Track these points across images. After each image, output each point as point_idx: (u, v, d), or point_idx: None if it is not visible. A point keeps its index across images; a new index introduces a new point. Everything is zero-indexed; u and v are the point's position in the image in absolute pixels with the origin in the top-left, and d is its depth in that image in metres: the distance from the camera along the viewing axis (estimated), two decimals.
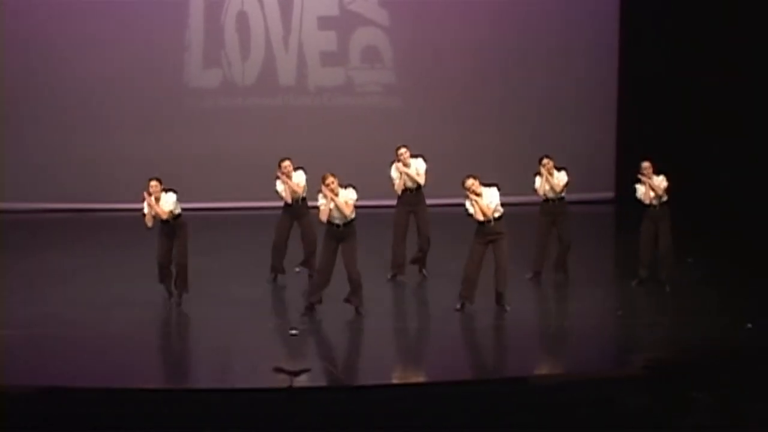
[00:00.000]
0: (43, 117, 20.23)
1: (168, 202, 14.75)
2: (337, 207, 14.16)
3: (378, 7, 20.82)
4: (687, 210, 15.07)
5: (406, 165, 15.89)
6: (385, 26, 20.85)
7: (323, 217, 14.26)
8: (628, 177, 16.16)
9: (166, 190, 14.79)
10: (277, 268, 15.96)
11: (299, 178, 15.68)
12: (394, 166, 15.90)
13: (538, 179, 15.86)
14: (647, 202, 15.38)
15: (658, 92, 20.25)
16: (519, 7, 20.81)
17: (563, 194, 15.91)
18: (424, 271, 16.18)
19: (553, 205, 15.90)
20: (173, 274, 14.93)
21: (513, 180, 15.75)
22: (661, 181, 15.39)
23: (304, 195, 15.72)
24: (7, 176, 20.12)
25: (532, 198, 16.03)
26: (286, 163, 15.69)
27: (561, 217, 15.97)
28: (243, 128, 20.66)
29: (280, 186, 15.71)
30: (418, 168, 15.91)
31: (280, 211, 15.95)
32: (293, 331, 13.87)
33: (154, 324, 14.69)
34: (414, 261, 16.17)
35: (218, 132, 20.63)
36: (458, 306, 14.59)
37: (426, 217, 16.08)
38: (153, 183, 14.85)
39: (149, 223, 14.76)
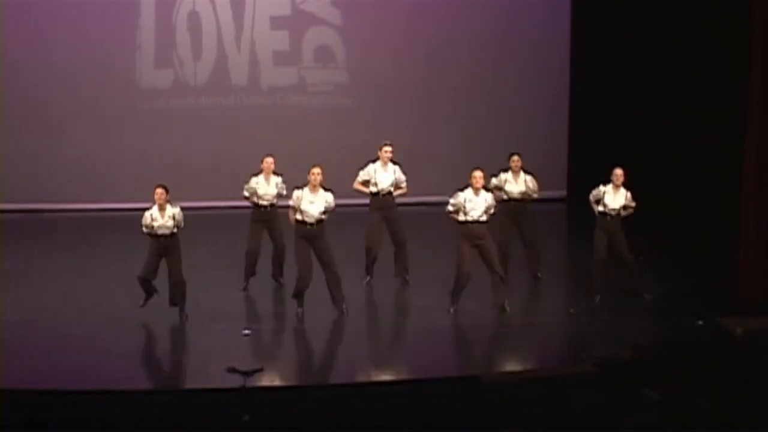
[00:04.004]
0: None
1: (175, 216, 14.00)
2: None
3: (330, 7, 20.77)
4: (636, 207, 15.12)
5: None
6: (337, 26, 20.82)
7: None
8: (580, 175, 16.17)
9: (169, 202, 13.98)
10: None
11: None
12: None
13: (507, 176, 15.59)
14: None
15: (610, 90, 20.32)
16: (471, 5, 20.82)
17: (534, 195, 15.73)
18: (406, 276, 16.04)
19: (514, 205, 15.64)
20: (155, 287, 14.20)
21: (465, 179, 15.69)
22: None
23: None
24: None
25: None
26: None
27: (523, 218, 15.78)
28: (195, 128, 20.55)
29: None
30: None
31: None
32: (246, 332, 13.86)
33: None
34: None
35: (170, 132, 20.50)
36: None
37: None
38: (159, 191, 13.85)
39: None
